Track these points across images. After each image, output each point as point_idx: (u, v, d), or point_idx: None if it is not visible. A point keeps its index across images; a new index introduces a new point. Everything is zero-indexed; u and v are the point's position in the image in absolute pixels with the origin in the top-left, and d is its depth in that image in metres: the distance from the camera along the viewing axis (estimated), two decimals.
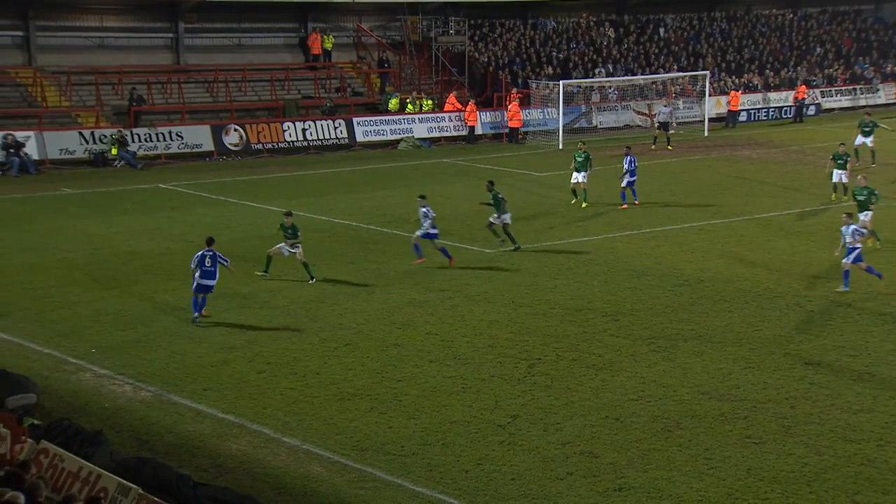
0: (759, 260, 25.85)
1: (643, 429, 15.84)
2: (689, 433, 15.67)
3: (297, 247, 24.07)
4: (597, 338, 20.11)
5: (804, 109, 55.45)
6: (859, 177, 26.97)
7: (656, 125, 46.97)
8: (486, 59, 53.45)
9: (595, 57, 55.54)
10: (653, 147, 44.84)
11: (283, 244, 24.20)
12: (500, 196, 26.51)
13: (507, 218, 26.48)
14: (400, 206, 32.70)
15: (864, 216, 25.69)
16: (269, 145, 44.75)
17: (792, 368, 18.39)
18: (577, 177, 32.56)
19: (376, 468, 14.64)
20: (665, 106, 47.85)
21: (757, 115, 55.43)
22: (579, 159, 32.67)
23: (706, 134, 49.85)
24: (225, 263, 21.44)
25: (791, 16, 64.91)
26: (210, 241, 21.41)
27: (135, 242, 28.26)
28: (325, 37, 50.82)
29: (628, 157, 32.10)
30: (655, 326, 20.76)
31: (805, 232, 29.00)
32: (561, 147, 46.05)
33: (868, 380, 17.82)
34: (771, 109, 55.93)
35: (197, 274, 20.98)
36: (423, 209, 25.21)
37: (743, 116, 54.37)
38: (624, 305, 22.10)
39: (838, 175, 32.17)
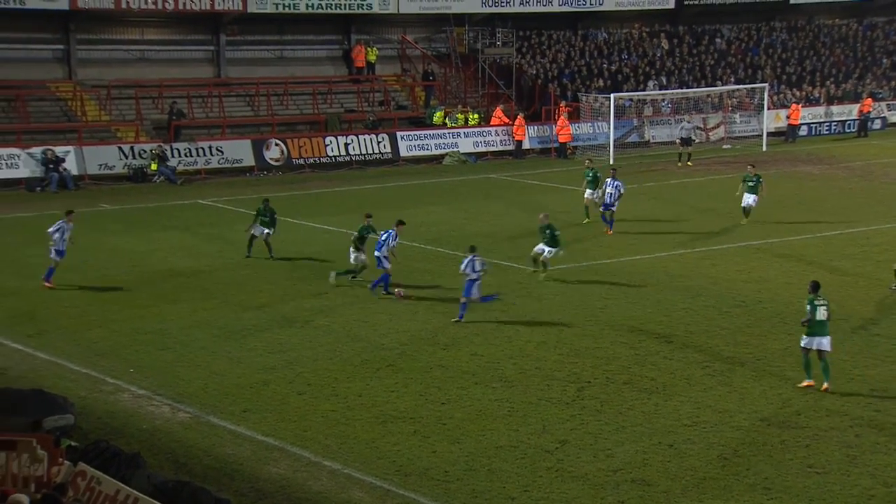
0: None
1: (698, 456, 15.41)
2: (747, 461, 15.23)
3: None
4: (649, 360, 19.63)
5: (869, 123, 54.08)
6: (541, 215, 25.76)
7: (678, 141, 45.81)
8: (534, 72, 52.94)
9: (648, 69, 54.81)
10: (679, 164, 43.96)
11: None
12: (276, 215, 28.03)
13: (273, 232, 27.97)
14: (445, 222, 32.34)
15: (548, 252, 24.77)
16: (311, 160, 44.55)
17: (857, 395, 17.82)
18: (594, 195, 31.57)
19: (420, 494, 14.37)
20: (688, 122, 46.87)
21: (818, 129, 54.21)
22: (589, 178, 31.77)
23: (764, 149, 48.87)
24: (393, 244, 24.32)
25: (856, 26, 63.53)
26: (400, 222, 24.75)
27: (173, 260, 28.25)
28: (368, 49, 50.64)
29: (613, 182, 30.45)
30: (711, 349, 20.22)
31: (870, 251, 28.19)
32: (612, 162, 45.30)
33: None
34: (833, 123, 54.67)
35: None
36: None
37: (804, 131, 53.20)
38: (678, 327, 21.57)
39: (748, 199, 30.83)
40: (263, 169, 43.42)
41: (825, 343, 17.93)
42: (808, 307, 18.15)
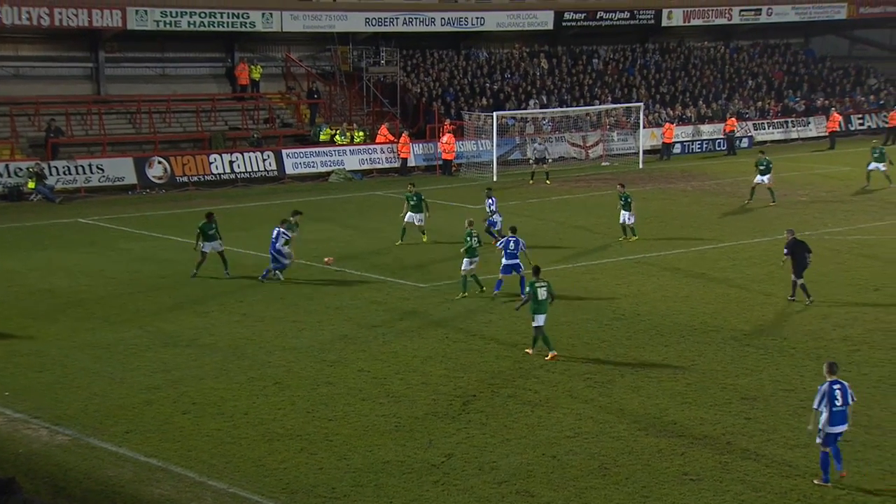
0: (694, 293, 25.90)
1: (580, 466, 15.69)
2: (626, 470, 15.56)
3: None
4: (532, 373, 19.91)
5: (737, 142, 56.08)
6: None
7: (531, 160, 46.86)
8: (418, 90, 53.34)
9: (529, 88, 55.76)
10: (531, 182, 44.88)
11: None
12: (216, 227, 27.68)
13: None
14: (331, 239, 32.27)
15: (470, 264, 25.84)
16: (195, 178, 43.97)
17: (729, 403, 18.35)
18: (414, 218, 31.68)
19: None
20: (541, 143, 47.96)
21: (691, 147, 55.88)
22: (413, 202, 31.80)
23: (641, 166, 50.16)
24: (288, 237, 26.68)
25: (723, 48, 65.95)
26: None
27: (52, 279, 27.53)
28: (252, 67, 50.26)
29: (490, 199, 31.32)
30: (592, 362, 20.64)
31: (739, 264, 29.11)
32: (495, 179, 46.01)
33: (803, 415, 17.69)
34: (704, 142, 56.50)
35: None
36: None
37: (677, 148, 54.74)
38: (560, 340, 21.85)
39: (624, 216, 31.78)
40: (146, 187, 42.70)
41: (541, 320, 20.84)
42: (529, 289, 21.02)
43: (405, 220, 31.97)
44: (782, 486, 15.01)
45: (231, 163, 44.97)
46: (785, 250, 24.91)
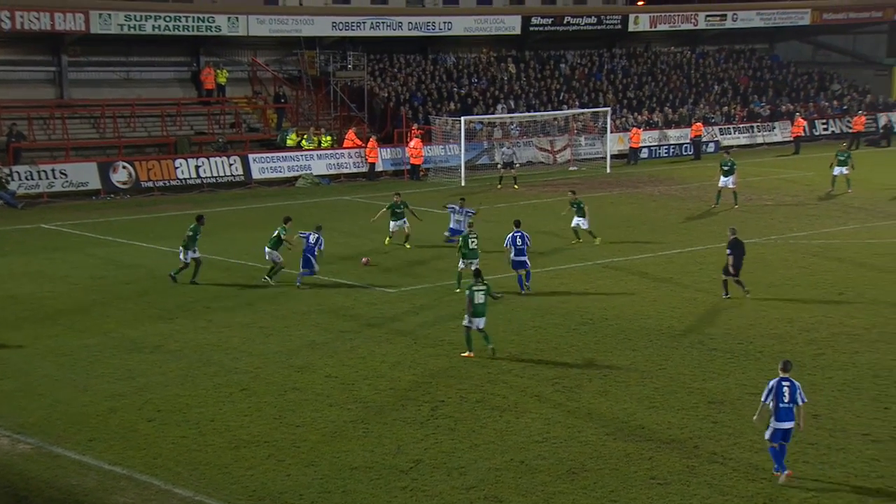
0: (662, 297, 26.02)
1: (548, 471, 15.73)
2: (595, 475, 15.61)
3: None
4: (501, 378, 19.92)
5: (703, 146, 56.46)
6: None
7: (499, 165, 47.07)
8: (385, 95, 53.27)
9: (497, 93, 55.87)
10: (499, 187, 45.05)
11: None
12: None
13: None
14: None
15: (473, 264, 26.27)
16: (161, 183, 43.62)
17: (696, 407, 18.44)
18: (401, 224, 32.31)
19: None
20: (508, 147, 48.12)
21: (657, 151, 56.20)
22: (398, 210, 32.31)
23: (608, 171, 50.36)
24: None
25: (689, 53, 66.46)
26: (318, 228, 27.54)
27: (14, 286, 27.24)
28: (218, 71, 49.96)
29: (465, 210, 31.47)
30: (560, 366, 20.67)
31: (707, 269, 29.22)
32: (463, 184, 46.05)
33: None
34: (671, 146, 56.82)
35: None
36: None
37: (644, 153, 55.07)
38: (528, 345, 21.95)
39: (577, 221, 32.18)
40: (111, 192, 42.31)
41: (481, 323, 21.15)
42: (468, 293, 21.21)
43: (391, 227, 32.32)
44: (749, 490, 15.12)
45: (197, 168, 44.65)
46: (728, 250, 25.47)
